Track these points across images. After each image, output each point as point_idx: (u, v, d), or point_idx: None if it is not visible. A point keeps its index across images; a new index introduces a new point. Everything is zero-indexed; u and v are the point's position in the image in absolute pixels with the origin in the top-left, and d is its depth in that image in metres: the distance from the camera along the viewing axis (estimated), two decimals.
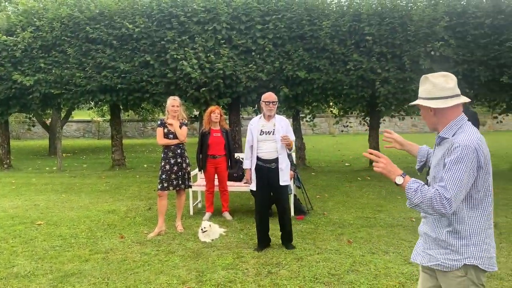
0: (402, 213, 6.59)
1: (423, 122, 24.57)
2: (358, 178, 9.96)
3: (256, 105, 11.23)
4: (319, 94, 10.49)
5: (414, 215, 6.42)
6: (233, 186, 6.90)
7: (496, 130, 21.66)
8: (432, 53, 9.25)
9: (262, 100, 5.02)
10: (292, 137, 5.03)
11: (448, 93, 2.11)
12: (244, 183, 7.03)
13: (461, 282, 2.10)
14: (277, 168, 4.96)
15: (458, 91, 2.14)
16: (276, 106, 5.06)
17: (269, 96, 5.01)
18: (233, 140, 10.81)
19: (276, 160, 4.97)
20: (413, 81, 9.51)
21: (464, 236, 2.09)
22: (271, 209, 5.58)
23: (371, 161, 11.42)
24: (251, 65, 9.75)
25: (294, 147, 5.22)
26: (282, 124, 5.03)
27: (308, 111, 12.28)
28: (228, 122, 11.26)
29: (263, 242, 5.07)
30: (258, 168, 5.01)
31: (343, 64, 9.92)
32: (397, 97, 9.74)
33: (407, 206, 2.09)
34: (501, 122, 12.20)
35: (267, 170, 4.97)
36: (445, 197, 1.95)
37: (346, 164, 12.74)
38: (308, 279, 4.11)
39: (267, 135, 4.98)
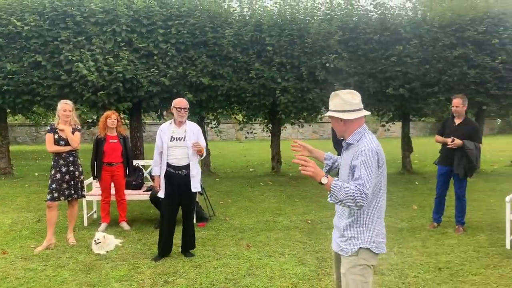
0: (299, 216, 6.91)
1: (322, 129, 26.22)
2: (261, 183, 10.22)
3: (159, 110, 10.98)
4: (223, 100, 10.57)
5: (310, 217, 6.77)
6: (131, 195, 6.67)
7: (387, 137, 23.60)
8: (327, 65, 9.82)
9: (173, 106, 4.92)
10: (203, 144, 5.02)
11: (355, 107, 2.55)
12: (146, 190, 6.83)
13: (352, 261, 2.51)
14: (188, 175, 4.90)
15: (362, 106, 2.60)
16: (187, 112, 5.00)
17: (180, 102, 4.93)
18: (134, 147, 10.45)
19: (187, 167, 4.90)
20: (310, 91, 10.02)
21: (361, 225, 2.50)
22: None
23: (273, 167, 11.81)
24: (153, 69, 9.50)
25: (205, 153, 5.20)
26: (194, 131, 4.98)
27: (213, 117, 12.32)
28: (129, 128, 10.86)
29: (167, 250, 4.97)
30: (168, 175, 4.89)
31: (246, 72, 10.12)
32: (296, 105, 10.18)
33: (329, 201, 2.39)
34: (388, 130, 13.31)
35: (177, 177, 4.88)
36: (364, 193, 2.31)
37: (251, 169, 13.01)
38: (205, 285, 4.12)
39: (178, 141, 4.89)
